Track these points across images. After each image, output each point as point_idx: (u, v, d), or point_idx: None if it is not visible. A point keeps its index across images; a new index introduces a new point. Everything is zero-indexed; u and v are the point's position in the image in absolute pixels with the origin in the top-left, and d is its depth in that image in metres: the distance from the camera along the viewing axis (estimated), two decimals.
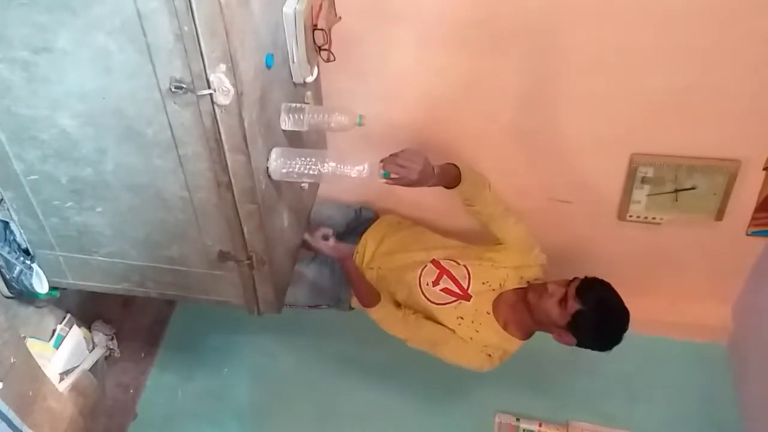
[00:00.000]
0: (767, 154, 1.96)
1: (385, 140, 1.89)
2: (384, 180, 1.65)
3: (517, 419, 2.37)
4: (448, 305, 1.95)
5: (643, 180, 2.07)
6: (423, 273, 2.00)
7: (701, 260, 2.32)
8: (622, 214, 2.18)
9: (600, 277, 1.84)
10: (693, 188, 2.06)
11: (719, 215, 2.11)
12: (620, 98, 1.91)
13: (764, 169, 2.00)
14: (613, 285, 2.47)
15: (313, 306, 2.25)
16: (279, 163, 1.58)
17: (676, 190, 2.07)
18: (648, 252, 2.33)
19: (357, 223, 2.31)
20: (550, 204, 2.21)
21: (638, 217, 2.17)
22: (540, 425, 2.35)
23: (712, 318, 2.48)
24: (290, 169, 1.59)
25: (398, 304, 2.07)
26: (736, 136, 1.94)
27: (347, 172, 1.57)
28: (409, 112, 2.07)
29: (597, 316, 1.77)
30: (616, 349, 1.81)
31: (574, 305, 1.77)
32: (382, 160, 1.66)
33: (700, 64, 1.80)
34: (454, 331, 1.93)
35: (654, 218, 2.16)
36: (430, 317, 1.97)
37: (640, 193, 2.11)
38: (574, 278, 1.82)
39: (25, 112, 1.44)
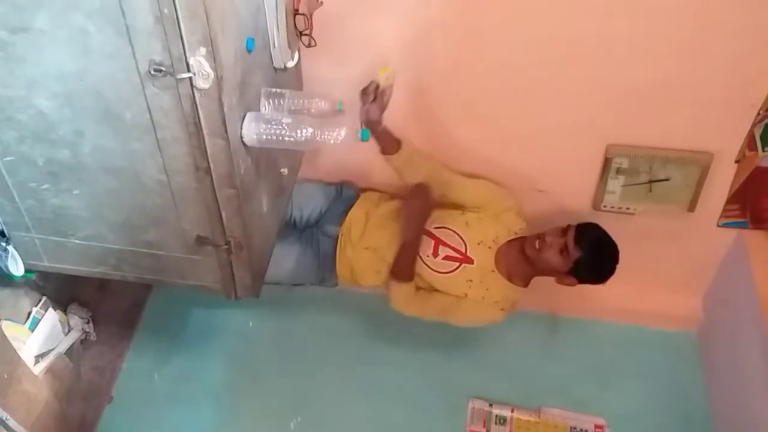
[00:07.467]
0: (739, 146, 2.00)
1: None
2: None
3: (490, 405, 2.40)
4: (454, 272, 2.06)
5: (618, 171, 2.10)
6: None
7: (673, 251, 2.37)
8: (596, 204, 2.21)
9: (587, 221, 1.98)
10: (667, 179, 2.09)
11: (692, 206, 2.14)
12: (596, 89, 1.94)
13: (736, 161, 2.04)
14: None
15: (296, 284, 2.28)
16: (253, 127, 1.50)
17: (651, 181, 2.11)
18: (621, 242, 2.35)
19: (339, 201, 2.31)
20: (525, 193, 2.23)
21: (612, 207, 2.20)
22: (512, 411, 2.38)
23: (682, 308, 2.52)
24: (265, 135, 1.51)
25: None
26: (710, 128, 1.98)
27: (326, 139, 1.53)
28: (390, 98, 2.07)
29: (595, 258, 1.94)
30: (588, 336, 1.85)
31: (575, 254, 1.91)
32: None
33: (676, 57, 1.83)
34: (466, 295, 2.05)
35: (628, 208, 2.20)
36: (438, 287, 2.07)
37: (615, 184, 2.14)
38: (568, 226, 1.96)
39: (1, 92, 1.42)
